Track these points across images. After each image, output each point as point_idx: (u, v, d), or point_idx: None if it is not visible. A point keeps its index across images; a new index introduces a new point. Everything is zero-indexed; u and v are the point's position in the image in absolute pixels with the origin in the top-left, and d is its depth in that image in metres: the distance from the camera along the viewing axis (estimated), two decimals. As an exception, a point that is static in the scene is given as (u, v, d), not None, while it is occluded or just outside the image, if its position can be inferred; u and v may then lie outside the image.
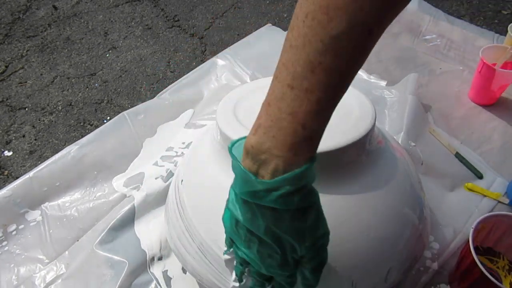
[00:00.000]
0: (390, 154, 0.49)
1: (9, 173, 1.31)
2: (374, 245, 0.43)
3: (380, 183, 0.45)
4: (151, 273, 0.54)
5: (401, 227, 0.46)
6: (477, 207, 0.61)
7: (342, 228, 0.41)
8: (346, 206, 0.42)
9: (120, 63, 1.72)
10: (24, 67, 1.71)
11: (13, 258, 0.57)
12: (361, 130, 0.43)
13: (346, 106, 0.47)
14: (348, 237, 0.42)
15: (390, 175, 0.47)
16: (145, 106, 0.78)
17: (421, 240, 0.50)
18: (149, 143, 0.72)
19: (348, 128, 0.43)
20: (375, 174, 0.45)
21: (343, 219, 0.42)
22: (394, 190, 0.47)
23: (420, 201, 0.51)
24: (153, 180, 0.65)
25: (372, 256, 0.43)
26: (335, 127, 0.43)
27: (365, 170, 0.45)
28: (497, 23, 1.77)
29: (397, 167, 0.49)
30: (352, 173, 0.44)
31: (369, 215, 0.43)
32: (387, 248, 0.44)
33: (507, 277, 0.52)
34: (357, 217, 0.42)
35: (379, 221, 0.44)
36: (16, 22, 1.97)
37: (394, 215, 0.45)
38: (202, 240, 0.45)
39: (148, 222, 0.60)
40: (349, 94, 0.48)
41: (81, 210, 0.62)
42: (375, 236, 0.43)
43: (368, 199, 0.44)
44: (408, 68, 0.82)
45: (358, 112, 0.46)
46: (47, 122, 1.47)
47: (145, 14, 2.00)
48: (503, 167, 0.66)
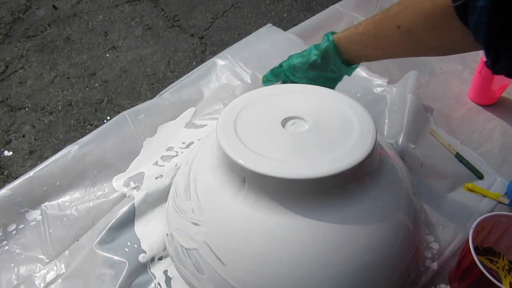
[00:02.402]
0: (389, 171, 0.49)
1: (9, 173, 1.31)
2: (369, 267, 0.43)
3: (378, 207, 0.46)
4: (151, 273, 0.54)
5: (397, 250, 0.47)
6: (477, 208, 0.61)
7: (341, 251, 0.42)
8: (344, 230, 0.43)
9: (120, 63, 1.72)
10: (24, 67, 1.71)
11: (13, 257, 0.57)
12: (359, 155, 0.43)
13: (346, 123, 0.47)
14: (346, 260, 0.42)
15: (389, 197, 0.48)
16: (145, 105, 0.78)
17: (417, 255, 0.51)
18: (149, 142, 0.72)
19: (348, 150, 0.43)
20: (376, 195, 0.46)
21: (339, 242, 0.42)
22: (392, 213, 0.47)
23: (417, 215, 0.51)
24: (153, 179, 0.65)
25: (367, 278, 0.43)
26: (335, 150, 0.43)
27: (366, 192, 0.45)
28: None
29: (396, 183, 0.49)
30: (353, 196, 0.44)
31: (363, 240, 0.43)
32: (382, 270, 0.45)
33: (507, 277, 0.52)
34: (352, 241, 0.43)
35: (375, 243, 0.44)
36: (16, 22, 1.97)
37: (390, 237, 0.46)
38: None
39: (148, 222, 0.60)
40: (350, 109, 0.48)
41: (81, 209, 0.62)
42: (370, 259, 0.43)
43: (366, 222, 0.44)
44: (409, 68, 0.82)
45: (358, 131, 0.46)
46: (47, 122, 1.47)
47: (145, 14, 2.00)
48: (503, 167, 0.66)
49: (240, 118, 0.48)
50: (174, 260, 0.53)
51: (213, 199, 0.47)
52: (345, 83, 0.84)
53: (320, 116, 0.49)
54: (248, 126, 0.47)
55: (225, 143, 0.45)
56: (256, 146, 0.44)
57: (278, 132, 0.47)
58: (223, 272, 0.44)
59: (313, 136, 0.46)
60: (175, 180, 0.61)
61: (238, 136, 0.46)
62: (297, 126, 0.48)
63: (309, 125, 0.48)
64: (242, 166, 0.42)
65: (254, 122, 0.48)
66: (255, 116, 0.49)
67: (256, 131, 0.47)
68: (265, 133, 0.47)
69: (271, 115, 0.49)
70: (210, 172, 0.48)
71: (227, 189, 0.45)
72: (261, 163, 0.42)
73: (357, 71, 0.83)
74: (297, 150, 0.44)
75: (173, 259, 0.54)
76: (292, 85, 0.59)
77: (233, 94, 0.80)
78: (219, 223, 0.46)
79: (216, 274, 0.44)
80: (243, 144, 0.45)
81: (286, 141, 0.46)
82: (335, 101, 0.51)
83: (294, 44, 0.91)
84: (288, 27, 0.97)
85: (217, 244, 0.45)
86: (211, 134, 0.54)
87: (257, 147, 0.44)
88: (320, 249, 0.42)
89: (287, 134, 0.47)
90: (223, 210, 0.46)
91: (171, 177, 0.65)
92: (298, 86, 0.57)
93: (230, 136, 0.46)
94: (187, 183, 0.52)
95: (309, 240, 0.42)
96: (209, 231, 0.46)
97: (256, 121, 0.48)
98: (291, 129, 0.48)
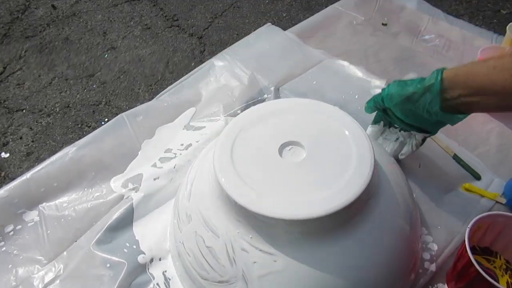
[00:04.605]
0: (386, 197, 0.48)
1: (6, 174, 1.31)
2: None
3: (380, 227, 0.46)
4: (150, 274, 0.54)
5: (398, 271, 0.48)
6: (475, 207, 0.61)
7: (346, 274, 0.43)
8: (345, 259, 0.44)
9: (118, 63, 1.72)
10: (22, 68, 1.71)
11: (11, 259, 0.57)
12: (356, 189, 0.42)
13: (344, 151, 0.47)
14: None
15: (389, 215, 0.48)
16: (144, 107, 0.78)
17: (415, 265, 0.52)
18: (148, 144, 0.72)
19: (342, 187, 0.43)
20: (380, 214, 0.46)
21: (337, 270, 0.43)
22: (393, 231, 0.48)
23: (414, 225, 0.52)
24: (152, 181, 0.65)
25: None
26: (329, 187, 0.43)
27: (360, 222, 0.45)
28: (496, 22, 1.78)
29: (394, 208, 0.49)
30: (345, 230, 0.44)
31: (362, 261, 0.45)
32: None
33: (504, 277, 0.52)
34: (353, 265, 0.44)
35: (376, 265, 0.45)
36: (14, 21, 1.97)
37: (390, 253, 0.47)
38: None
39: (146, 223, 0.60)
40: (349, 132, 0.49)
41: (78, 210, 0.62)
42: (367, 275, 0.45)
43: (366, 247, 0.45)
44: (407, 68, 0.82)
45: (355, 160, 0.45)
46: (45, 124, 1.47)
47: (144, 13, 2.00)
48: (500, 168, 0.66)
49: (237, 144, 0.48)
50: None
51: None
52: (343, 84, 0.84)
53: (318, 142, 0.48)
54: (245, 154, 0.47)
55: (223, 178, 0.45)
56: (252, 180, 0.44)
57: (275, 162, 0.47)
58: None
59: (309, 169, 0.46)
60: (176, 200, 0.60)
61: (235, 169, 0.45)
62: (294, 154, 0.48)
63: (307, 153, 0.47)
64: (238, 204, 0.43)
65: (251, 149, 0.48)
66: (253, 142, 0.49)
67: (253, 162, 0.47)
68: (262, 163, 0.47)
69: (269, 140, 0.49)
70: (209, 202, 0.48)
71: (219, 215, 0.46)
72: (256, 201, 0.42)
73: (355, 72, 0.83)
74: (291, 187, 0.44)
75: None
76: (292, 101, 0.58)
77: (232, 95, 0.80)
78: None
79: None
80: (240, 178, 0.44)
81: (282, 173, 0.46)
82: (334, 122, 0.50)
83: (294, 44, 0.91)
84: (287, 26, 0.97)
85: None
86: (209, 151, 0.53)
87: (253, 181, 0.44)
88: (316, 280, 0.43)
89: (283, 166, 0.46)
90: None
91: (169, 178, 0.65)
92: (299, 101, 0.55)
93: (227, 169, 0.45)
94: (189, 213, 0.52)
95: (313, 270, 0.43)
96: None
97: (253, 148, 0.48)
98: (288, 157, 0.48)
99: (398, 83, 0.55)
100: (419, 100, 0.51)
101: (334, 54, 0.88)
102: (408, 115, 0.54)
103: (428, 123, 0.54)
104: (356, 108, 0.73)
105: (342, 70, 0.84)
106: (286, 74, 0.84)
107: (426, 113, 0.52)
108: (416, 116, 0.54)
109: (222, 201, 0.45)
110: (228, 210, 0.45)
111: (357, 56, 0.88)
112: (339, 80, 0.82)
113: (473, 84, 0.47)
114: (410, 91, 0.52)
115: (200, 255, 0.47)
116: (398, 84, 0.54)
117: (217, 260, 0.45)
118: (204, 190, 0.49)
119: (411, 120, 0.55)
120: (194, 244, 0.48)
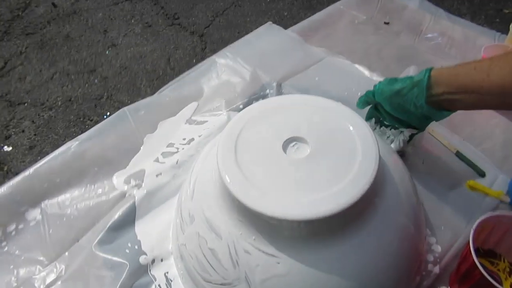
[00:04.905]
0: (388, 197, 0.48)
1: (8, 168, 1.30)
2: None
3: (386, 226, 0.46)
4: (152, 275, 0.54)
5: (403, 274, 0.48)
6: (479, 207, 0.60)
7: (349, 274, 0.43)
8: (351, 261, 0.43)
9: (119, 60, 1.72)
10: (23, 63, 1.71)
11: (12, 259, 0.57)
12: (360, 189, 0.42)
13: (349, 147, 0.46)
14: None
15: (395, 214, 0.48)
16: (146, 102, 0.78)
17: (419, 268, 0.52)
18: (150, 139, 0.72)
19: (346, 186, 0.42)
20: (384, 214, 0.46)
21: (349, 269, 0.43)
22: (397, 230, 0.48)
23: (419, 224, 0.52)
24: (154, 177, 0.65)
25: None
26: (332, 186, 0.42)
27: (365, 223, 0.44)
28: (498, 22, 1.77)
29: (398, 206, 0.49)
30: (350, 230, 0.44)
31: (368, 265, 0.44)
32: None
33: (507, 280, 0.52)
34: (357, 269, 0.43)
35: (381, 267, 0.45)
36: (15, 19, 1.96)
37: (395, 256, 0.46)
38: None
39: (148, 222, 0.60)
40: (354, 128, 0.48)
41: (81, 208, 0.62)
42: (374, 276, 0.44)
43: (371, 249, 0.45)
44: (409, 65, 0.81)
45: (360, 157, 0.45)
46: (47, 117, 1.47)
47: (145, 11, 2.00)
48: (505, 163, 0.66)
49: (240, 141, 0.47)
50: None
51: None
52: (345, 81, 0.84)
53: (322, 138, 0.47)
54: (249, 151, 0.46)
55: (226, 176, 0.44)
56: (256, 178, 0.44)
57: (279, 159, 0.46)
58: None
59: (313, 166, 0.45)
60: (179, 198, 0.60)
61: (239, 167, 0.45)
62: (298, 150, 0.47)
63: (311, 149, 0.47)
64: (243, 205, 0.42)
65: (254, 146, 0.47)
66: (256, 138, 0.48)
67: (257, 159, 0.46)
68: (266, 160, 0.46)
69: (272, 136, 0.48)
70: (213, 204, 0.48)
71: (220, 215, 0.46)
72: (262, 201, 0.42)
73: (356, 69, 0.83)
74: (295, 185, 0.43)
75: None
76: (295, 97, 0.57)
77: (234, 91, 0.80)
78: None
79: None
80: (245, 177, 0.44)
81: (286, 170, 0.45)
82: (339, 118, 0.50)
83: (295, 42, 0.90)
84: (289, 25, 0.96)
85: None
86: (212, 148, 0.52)
87: (258, 180, 0.44)
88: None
89: (287, 162, 0.46)
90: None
91: (172, 175, 0.65)
92: (302, 97, 0.54)
93: (231, 167, 0.45)
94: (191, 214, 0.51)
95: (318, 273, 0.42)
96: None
97: (256, 145, 0.47)
98: (292, 153, 0.47)
99: (389, 80, 0.59)
100: (407, 94, 0.55)
101: (335, 52, 0.88)
102: (397, 109, 0.58)
103: (414, 117, 0.57)
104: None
105: (344, 68, 0.84)
106: (288, 71, 0.84)
107: (413, 107, 0.55)
108: (404, 110, 0.57)
109: (225, 200, 0.45)
110: (231, 210, 0.44)
111: (359, 55, 0.88)
112: (341, 77, 0.82)
113: (455, 83, 0.52)
114: (400, 86, 0.56)
115: (202, 256, 0.46)
116: (389, 80, 0.59)
117: (220, 262, 0.45)
118: (207, 189, 0.49)
119: (399, 114, 0.58)
120: (197, 245, 0.47)
